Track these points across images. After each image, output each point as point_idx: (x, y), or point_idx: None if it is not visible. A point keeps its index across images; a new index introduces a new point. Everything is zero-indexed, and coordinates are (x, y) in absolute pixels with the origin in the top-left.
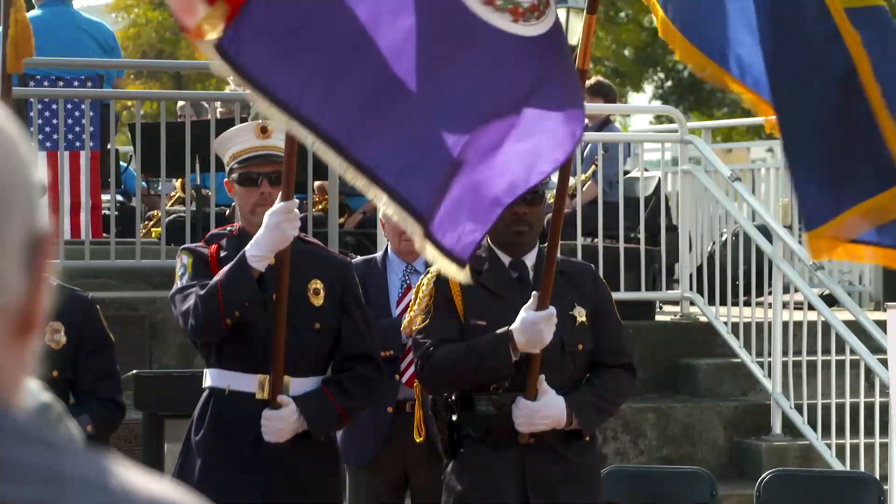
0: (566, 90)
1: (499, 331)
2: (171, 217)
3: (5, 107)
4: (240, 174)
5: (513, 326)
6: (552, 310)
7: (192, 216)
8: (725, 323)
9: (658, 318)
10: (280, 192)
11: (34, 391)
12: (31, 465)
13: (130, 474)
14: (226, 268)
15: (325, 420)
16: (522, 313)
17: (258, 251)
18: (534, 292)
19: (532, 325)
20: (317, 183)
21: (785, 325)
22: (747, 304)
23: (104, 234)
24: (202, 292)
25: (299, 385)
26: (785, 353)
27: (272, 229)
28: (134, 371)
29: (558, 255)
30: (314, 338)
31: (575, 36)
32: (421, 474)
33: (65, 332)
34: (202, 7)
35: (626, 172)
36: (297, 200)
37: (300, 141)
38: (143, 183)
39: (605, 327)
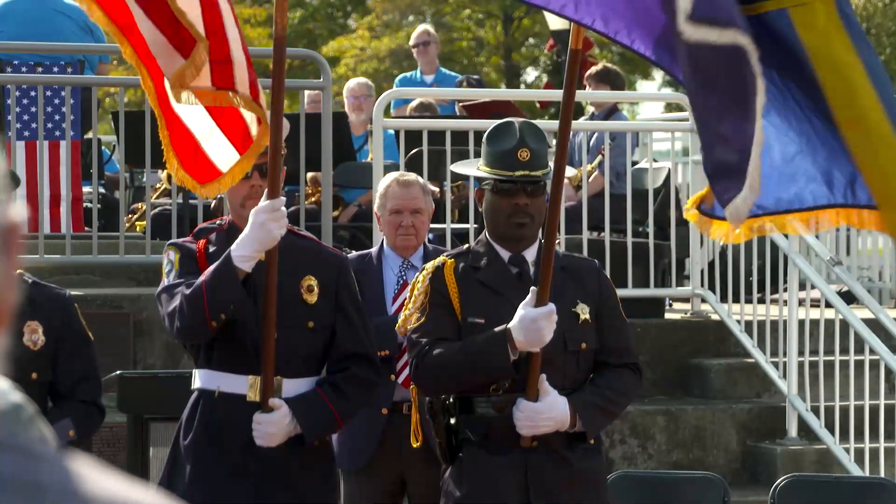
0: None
1: (496, 329)
2: (157, 210)
3: None
4: None
5: (511, 324)
6: (552, 306)
7: (179, 209)
8: (738, 321)
9: (668, 315)
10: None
11: (4, 391)
12: (8, 474)
13: (108, 481)
14: (211, 268)
15: (319, 423)
16: (521, 310)
17: (244, 251)
18: (532, 288)
19: (532, 322)
20: (309, 174)
21: (801, 323)
22: (761, 301)
23: (86, 228)
24: (188, 292)
25: (293, 386)
26: (801, 353)
27: (257, 228)
28: (118, 372)
29: (561, 250)
30: (308, 337)
31: None
32: (418, 478)
33: (43, 331)
34: (178, 58)
35: (634, 163)
36: (283, 198)
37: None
38: (126, 174)
39: (609, 325)
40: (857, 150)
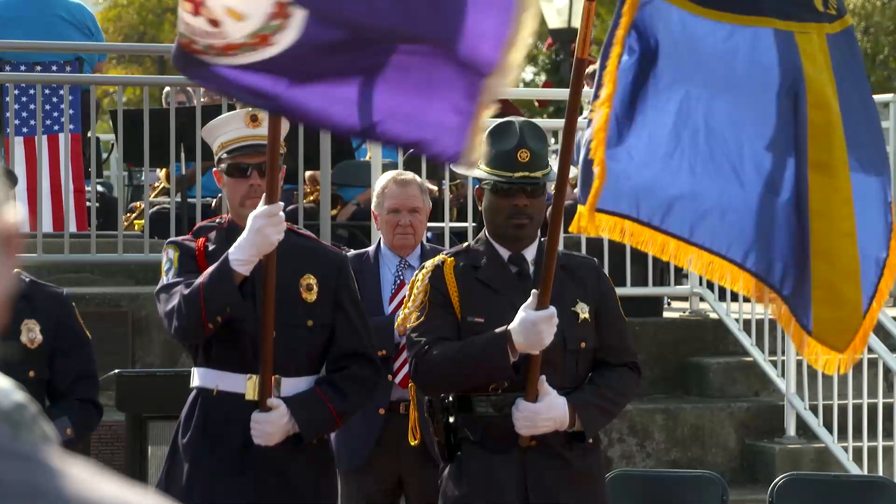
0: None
1: (497, 330)
2: (155, 208)
3: None
4: (229, 165)
5: (511, 326)
6: (552, 310)
7: (177, 207)
8: (737, 320)
9: (666, 314)
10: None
11: (7, 391)
12: (7, 481)
13: (105, 485)
14: (209, 270)
15: (317, 422)
16: (521, 312)
17: (241, 255)
18: (533, 290)
19: (532, 325)
20: (308, 173)
21: None
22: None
23: (87, 227)
24: (186, 293)
25: (291, 385)
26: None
27: (255, 234)
28: (116, 370)
29: (560, 248)
30: (307, 336)
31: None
32: (416, 478)
33: (40, 330)
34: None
35: None
36: (281, 203)
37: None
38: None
39: (608, 324)
40: (817, 237)
